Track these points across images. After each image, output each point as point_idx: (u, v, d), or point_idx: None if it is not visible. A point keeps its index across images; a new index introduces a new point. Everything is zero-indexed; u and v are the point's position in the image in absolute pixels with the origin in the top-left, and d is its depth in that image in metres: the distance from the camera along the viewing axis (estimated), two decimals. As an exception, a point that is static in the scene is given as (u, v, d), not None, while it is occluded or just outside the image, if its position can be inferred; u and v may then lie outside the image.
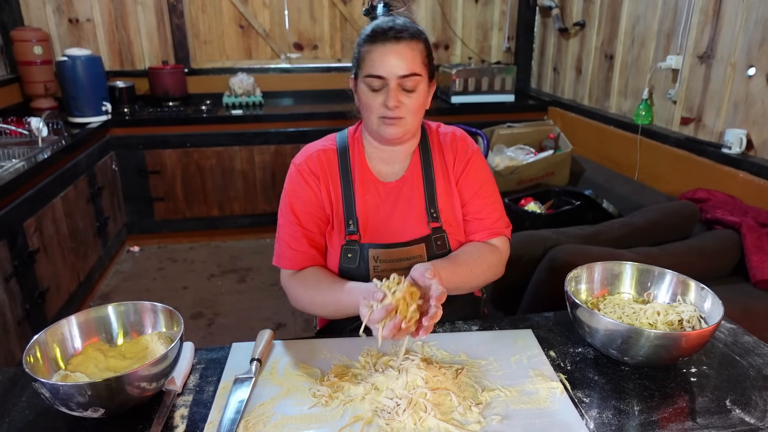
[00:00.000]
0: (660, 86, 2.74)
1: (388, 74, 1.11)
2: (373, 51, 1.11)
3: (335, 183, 1.22)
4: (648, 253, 1.84)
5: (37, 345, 0.93)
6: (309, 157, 1.24)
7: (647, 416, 0.91)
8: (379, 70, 1.11)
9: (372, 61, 1.11)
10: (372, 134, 1.21)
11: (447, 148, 1.26)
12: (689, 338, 0.95)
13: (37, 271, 2.30)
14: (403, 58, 1.10)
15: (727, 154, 2.28)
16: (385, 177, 1.24)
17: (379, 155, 1.24)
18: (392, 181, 1.23)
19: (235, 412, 0.91)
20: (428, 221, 1.22)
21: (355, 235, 1.20)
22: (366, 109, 1.16)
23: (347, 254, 1.20)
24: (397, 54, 1.10)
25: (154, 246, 3.60)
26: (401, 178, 1.24)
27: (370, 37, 1.12)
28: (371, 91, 1.13)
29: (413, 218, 1.22)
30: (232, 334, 2.64)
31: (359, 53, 1.15)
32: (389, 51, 1.10)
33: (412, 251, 1.20)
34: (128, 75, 3.68)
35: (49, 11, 3.49)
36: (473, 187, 1.25)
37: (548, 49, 3.81)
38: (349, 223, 1.20)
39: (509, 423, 0.89)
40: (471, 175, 1.25)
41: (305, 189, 1.22)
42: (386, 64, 1.10)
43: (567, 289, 1.08)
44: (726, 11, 2.30)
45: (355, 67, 1.18)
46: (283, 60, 3.97)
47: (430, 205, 1.22)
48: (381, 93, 1.12)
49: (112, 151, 3.28)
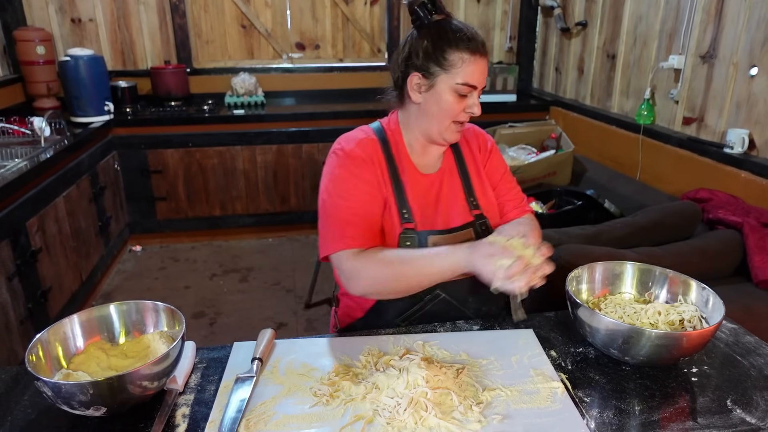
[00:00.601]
0: (662, 86, 2.74)
1: (480, 84, 1.17)
2: (473, 60, 1.14)
3: (384, 172, 1.22)
4: (650, 253, 1.84)
5: (39, 344, 0.93)
6: (359, 142, 1.22)
7: (648, 416, 0.91)
8: (475, 81, 1.15)
9: (470, 71, 1.14)
10: (429, 134, 1.22)
11: (472, 141, 1.34)
12: (690, 338, 0.95)
13: (40, 271, 2.30)
14: (486, 70, 1.18)
15: (729, 154, 2.27)
16: (424, 169, 1.27)
17: (422, 150, 1.27)
18: (432, 173, 1.27)
19: (237, 411, 0.91)
20: (470, 209, 1.27)
21: (411, 223, 1.21)
22: (445, 113, 1.17)
23: (405, 242, 1.20)
24: (485, 66, 1.17)
25: (156, 245, 3.61)
26: (439, 170, 1.28)
27: (468, 44, 1.13)
28: (458, 96, 1.16)
29: (457, 207, 1.27)
30: (234, 333, 2.64)
31: (449, 56, 1.13)
32: (483, 63, 1.16)
33: (464, 236, 1.24)
34: (130, 75, 3.68)
35: (51, 11, 3.50)
36: (498, 173, 1.33)
37: (550, 49, 3.81)
38: (403, 212, 1.21)
39: (510, 422, 0.89)
40: (494, 163, 1.34)
41: (362, 170, 1.18)
42: (481, 74, 1.16)
43: (568, 289, 1.08)
44: (728, 11, 2.29)
45: (433, 68, 1.15)
46: (285, 60, 3.97)
47: (468, 195, 1.28)
48: (465, 99, 1.17)
49: (115, 150, 3.29)
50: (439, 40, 1.14)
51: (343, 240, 1.13)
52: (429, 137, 1.23)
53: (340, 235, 1.14)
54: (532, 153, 3.23)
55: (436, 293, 1.23)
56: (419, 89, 1.18)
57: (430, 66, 1.15)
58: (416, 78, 1.17)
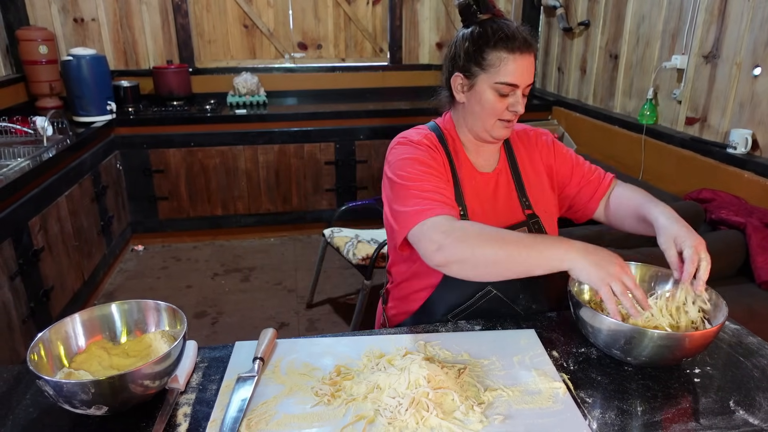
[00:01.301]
0: (665, 86, 2.73)
1: (521, 83, 1.16)
2: (512, 59, 1.14)
3: (447, 169, 1.24)
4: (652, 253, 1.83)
5: (41, 343, 0.93)
6: (425, 135, 1.24)
7: (650, 417, 0.91)
8: (514, 80, 1.15)
9: (509, 70, 1.14)
10: (477, 132, 1.24)
11: (530, 144, 1.35)
12: (693, 339, 0.95)
13: (42, 270, 2.31)
14: (531, 67, 1.17)
15: (732, 154, 2.27)
16: (480, 167, 1.29)
17: (475, 148, 1.29)
18: (488, 172, 1.29)
19: (238, 411, 0.91)
20: (523, 209, 1.28)
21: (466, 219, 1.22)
22: (489, 112, 1.19)
23: None
24: (529, 64, 1.16)
25: (158, 245, 3.61)
26: (495, 169, 1.30)
27: (507, 43, 1.13)
28: (499, 95, 1.17)
29: (510, 207, 1.28)
30: (236, 333, 2.64)
31: (488, 56, 1.15)
32: (525, 61, 1.15)
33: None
34: (133, 74, 3.69)
35: (54, 11, 3.51)
36: (567, 167, 1.35)
37: (553, 49, 3.80)
38: (459, 210, 1.22)
39: (512, 423, 0.89)
40: (560, 155, 1.35)
41: (435, 156, 1.20)
42: (522, 73, 1.15)
43: (570, 289, 1.08)
44: (731, 11, 2.29)
45: (473, 68, 1.18)
46: (287, 59, 3.98)
47: (521, 194, 1.29)
48: (507, 98, 1.17)
49: (117, 150, 3.29)
50: (478, 40, 1.17)
51: (432, 210, 1.07)
52: (477, 135, 1.25)
53: (428, 206, 1.08)
54: (534, 153, 3.22)
55: (487, 290, 1.23)
56: (462, 89, 1.22)
57: (471, 66, 1.18)
58: (459, 78, 1.22)
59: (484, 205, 1.26)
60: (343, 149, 3.52)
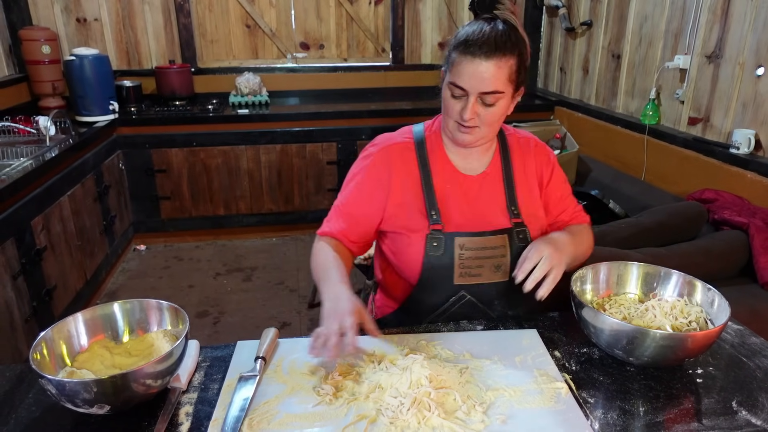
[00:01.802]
0: (667, 86, 2.72)
1: (469, 88, 1.11)
2: (462, 62, 1.10)
3: (413, 175, 1.24)
4: (654, 253, 1.83)
5: (43, 342, 0.93)
6: (390, 147, 1.26)
7: (653, 417, 0.91)
8: (462, 83, 1.11)
9: (458, 72, 1.11)
10: (446, 133, 1.24)
11: (529, 153, 1.31)
12: (695, 339, 0.95)
13: (45, 269, 2.31)
14: (488, 75, 1.09)
15: (735, 154, 2.26)
16: (465, 170, 1.27)
17: (457, 150, 1.27)
18: (474, 175, 1.27)
19: (240, 410, 0.91)
20: (510, 218, 1.25)
21: (438, 224, 1.21)
22: (445, 110, 1.19)
23: (432, 243, 1.20)
24: (485, 70, 1.09)
25: (161, 244, 3.62)
26: (482, 173, 1.27)
27: (464, 46, 1.10)
28: (452, 97, 1.15)
29: (495, 213, 1.25)
30: (237, 332, 2.64)
31: (451, 56, 1.14)
32: (477, 66, 1.09)
33: (496, 241, 1.22)
34: (135, 74, 3.69)
35: (57, 11, 3.51)
36: (559, 189, 1.33)
37: (555, 49, 3.80)
38: (431, 213, 1.21)
39: (513, 423, 0.89)
40: (556, 178, 1.33)
41: (370, 178, 1.25)
42: (471, 78, 1.10)
43: (572, 289, 1.08)
44: (734, 10, 2.28)
45: (445, 66, 1.18)
46: (290, 59, 3.98)
47: (510, 203, 1.26)
48: (460, 101, 1.14)
49: (119, 150, 3.30)
50: (453, 39, 1.16)
51: (324, 224, 1.29)
52: (446, 135, 1.24)
53: (325, 219, 1.30)
54: (536, 153, 3.22)
55: (461, 295, 1.23)
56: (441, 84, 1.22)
57: (445, 65, 1.19)
58: (442, 74, 1.22)
59: (463, 208, 1.24)
60: (345, 149, 3.52)
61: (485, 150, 1.27)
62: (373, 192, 1.24)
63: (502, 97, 1.13)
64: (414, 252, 1.22)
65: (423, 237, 1.21)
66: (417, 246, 1.21)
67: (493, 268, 1.22)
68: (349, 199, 1.26)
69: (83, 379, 0.87)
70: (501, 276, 1.23)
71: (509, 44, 1.10)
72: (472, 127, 1.16)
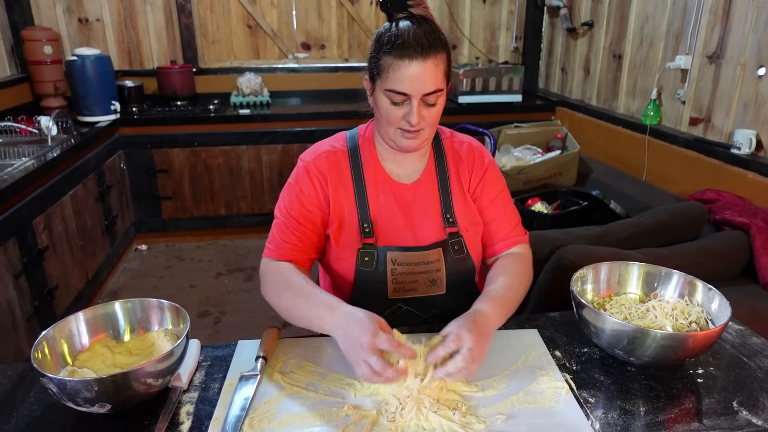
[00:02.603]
0: (669, 86, 2.72)
1: (412, 92, 1.05)
2: (399, 66, 1.04)
3: (346, 185, 1.19)
4: (655, 253, 1.83)
5: (45, 341, 0.93)
6: (318, 157, 1.21)
7: (653, 417, 0.91)
8: (403, 88, 1.05)
9: (396, 77, 1.05)
10: (387, 142, 1.17)
11: (463, 158, 1.24)
12: (696, 339, 0.95)
13: (46, 269, 2.31)
14: (428, 74, 1.05)
15: (736, 154, 2.26)
16: (398, 178, 1.21)
17: (393, 157, 1.21)
18: (407, 183, 1.21)
19: (241, 409, 0.91)
20: (444, 226, 1.20)
21: (371, 238, 1.17)
22: (385, 120, 1.11)
23: (364, 258, 1.17)
24: (424, 71, 1.04)
25: (162, 244, 3.62)
26: (416, 181, 1.22)
27: (396, 49, 1.04)
28: (392, 104, 1.08)
29: (430, 223, 1.20)
30: (238, 332, 2.65)
31: (381, 62, 1.07)
32: (416, 68, 1.03)
33: (430, 256, 1.19)
34: (137, 74, 3.70)
35: (59, 11, 3.52)
36: (490, 196, 1.24)
37: (556, 49, 3.80)
38: (364, 226, 1.17)
39: (514, 422, 0.89)
40: (488, 185, 1.24)
41: (308, 186, 1.18)
42: (412, 81, 1.04)
43: (573, 289, 1.08)
44: (736, 11, 2.28)
45: (373, 72, 1.10)
46: (291, 60, 3.98)
47: (446, 210, 1.20)
48: (402, 106, 1.08)
49: (121, 150, 3.30)
50: (376, 42, 1.09)
51: (268, 248, 1.19)
52: (387, 143, 1.17)
53: (268, 243, 1.19)
54: (537, 153, 3.22)
55: (398, 306, 1.21)
56: (370, 93, 1.15)
57: (372, 70, 1.11)
58: (366, 82, 1.15)
59: (397, 221, 1.19)
60: (347, 149, 3.51)
61: (421, 155, 1.22)
62: (314, 199, 1.18)
63: (442, 94, 1.09)
64: (346, 266, 1.19)
65: (355, 251, 1.17)
66: (349, 260, 1.18)
67: (428, 282, 1.19)
68: (292, 210, 1.18)
69: (84, 378, 0.87)
70: (437, 290, 1.20)
71: (438, 40, 1.06)
72: (417, 131, 1.10)
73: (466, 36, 4.09)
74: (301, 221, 1.18)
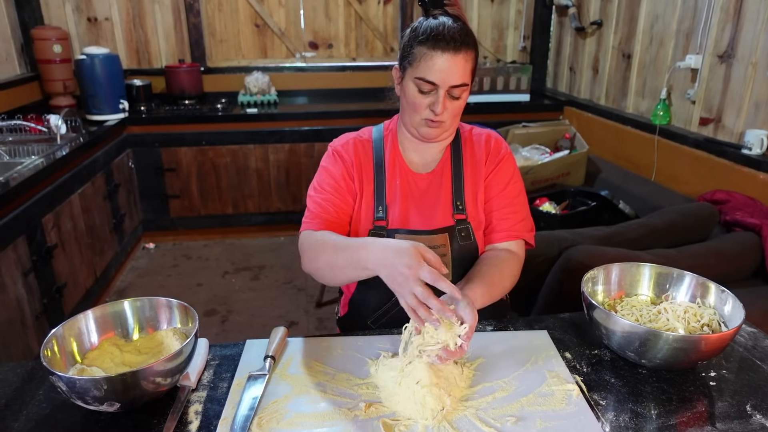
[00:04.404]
0: (678, 86, 2.70)
1: (440, 82, 1.11)
2: (431, 56, 1.10)
3: (368, 171, 1.25)
4: (665, 254, 1.82)
5: (54, 339, 0.93)
6: (347, 142, 1.29)
7: (665, 420, 0.90)
8: (433, 77, 1.11)
9: (428, 66, 1.10)
10: (409, 128, 1.23)
11: (480, 147, 1.28)
12: (709, 341, 0.94)
13: (55, 267, 2.33)
14: (458, 68, 1.11)
15: (747, 155, 2.24)
16: (416, 168, 1.27)
17: (413, 147, 1.27)
18: (424, 173, 1.26)
19: (249, 409, 0.91)
20: (453, 213, 1.24)
21: (383, 221, 1.22)
22: (411, 107, 1.17)
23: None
24: (454, 64, 1.10)
25: (169, 243, 3.63)
26: (432, 171, 1.26)
27: (431, 40, 1.10)
28: (420, 92, 1.14)
29: (439, 209, 1.24)
30: (245, 331, 2.65)
31: (414, 50, 1.13)
32: (447, 60, 1.09)
33: (436, 240, 1.22)
34: (145, 73, 3.71)
35: (68, 10, 3.54)
36: (500, 185, 1.26)
37: (564, 49, 3.78)
38: (378, 209, 1.23)
39: (524, 424, 0.88)
40: (500, 172, 1.27)
41: (338, 166, 1.25)
42: (442, 72, 1.10)
43: (584, 290, 1.07)
44: (747, 10, 2.26)
45: (405, 61, 1.16)
46: (298, 59, 3.98)
47: (456, 197, 1.24)
48: (429, 96, 1.14)
49: (129, 148, 3.31)
50: (411, 34, 1.15)
51: (307, 223, 1.22)
52: (410, 131, 1.23)
53: (308, 218, 1.23)
54: (545, 153, 3.21)
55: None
56: (398, 82, 1.21)
57: (404, 60, 1.17)
58: (397, 71, 1.21)
59: (409, 207, 1.24)
60: (354, 149, 3.51)
61: (440, 146, 1.27)
62: (344, 176, 1.25)
63: (467, 89, 1.15)
64: None
65: (366, 232, 1.23)
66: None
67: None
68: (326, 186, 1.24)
69: (93, 376, 0.87)
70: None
71: (470, 38, 1.13)
72: (440, 122, 1.15)
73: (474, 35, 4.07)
74: (334, 194, 1.24)
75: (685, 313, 1.05)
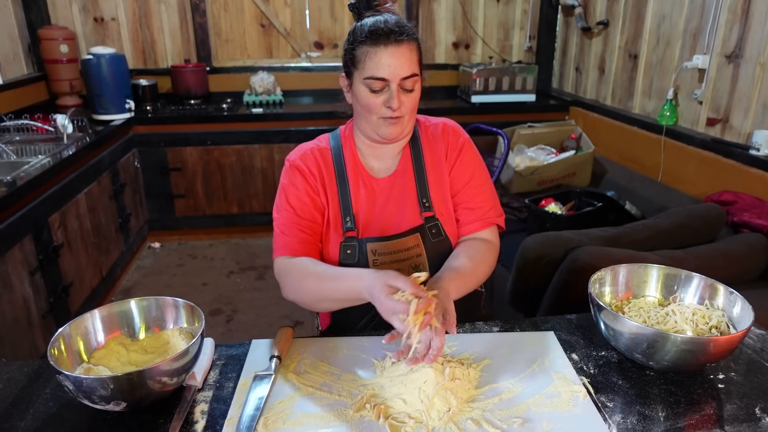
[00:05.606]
0: (685, 86, 2.69)
1: (390, 76, 1.11)
2: (375, 53, 1.10)
3: (331, 181, 1.23)
4: (672, 256, 1.80)
5: (61, 338, 0.94)
6: (304, 154, 1.25)
7: (673, 422, 0.89)
8: (382, 73, 1.10)
9: (374, 64, 1.10)
10: (367, 133, 1.21)
11: (438, 139, 1.27)
12: (718, 344, 0.93)
13: (61, 266, 2.33)
14: (404, 59, 1.11)
15: (755, 155, 2.22)
16: (377, 173, 1.25)
17: (372, 152, 1.25)
18: (384, 177, 1.25)
19: (255, 409, 0.91)
20: (420, 211, 1.23)
21: (353, 231, 1.21)
22: (366, 109, 1.15)
23: (346, 251, 1.21)
24: (400, 56, 1.10)
25: (175, 242, 3.64)
26: (393, 173, 1.25)
27: (372, 37, 1.10)
28: (372, 92, 1.13)
29: (407, 210, 1.23)
30: (250, 331, 2.65)
31: (356, 52, 1.13)
32: (392, 54, 1.10)
33: (408, 242, 1.22)
34: (151, 73, 3.72)
35: (75, 10, 3.55)
36: (465, 176, 1.26)
37: (570, 49, 3.77)
38: (346, 220, 1.21)
39: (531, 426, 0.88)
40: (463, 163, 1.26)
41: (301, 182, 1.22)
42: (389, 66, 1.10)
43: (591, 291, 1.06)
44: (755, 9, 2.24)
45: (349, 67, 1.16)
46: (304, 59, 3.98)
47: (421, 195, 1.24)
48: (382, 94, 1.13)
49: (135, 148, 3.32)
50: (350, 37, 1.15)
51: (277, 248, 1.20)
52: (369, 136, 1.22)
53: (276, 244, 1.21)
54: (551, 153, 3.20)
55: None
56: (347, 89, 1.20)
57: (349, 65, 1.16)
58: (343, 80, 1.20)
59: (375, 212, 1.23)
60: (359, 149, 3.51)
61: (399, 147, 1.25)
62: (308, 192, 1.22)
63: (418, 80, 1.15)
64: (330, 260, 1.22)
65: (337, 245, 1.21)
66: (332, 253, 1.21)
67: (411, 269, 1.21)
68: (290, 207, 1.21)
69: (100, 375, 0.87)
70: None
71: (409, 30, 1.13)
72: (398, 117, 1.14)
73: (479, 35, 4.07)
74: (301, 214, 1.21)
75: (693, 314, 1.05)
